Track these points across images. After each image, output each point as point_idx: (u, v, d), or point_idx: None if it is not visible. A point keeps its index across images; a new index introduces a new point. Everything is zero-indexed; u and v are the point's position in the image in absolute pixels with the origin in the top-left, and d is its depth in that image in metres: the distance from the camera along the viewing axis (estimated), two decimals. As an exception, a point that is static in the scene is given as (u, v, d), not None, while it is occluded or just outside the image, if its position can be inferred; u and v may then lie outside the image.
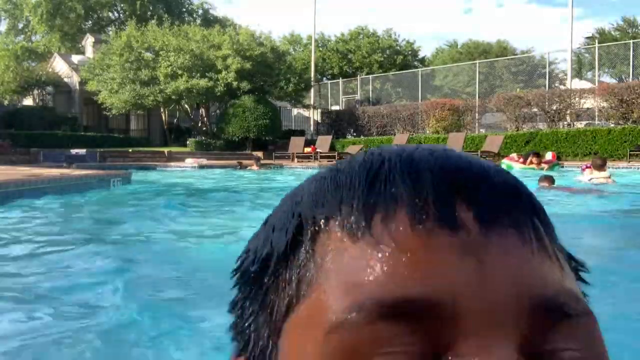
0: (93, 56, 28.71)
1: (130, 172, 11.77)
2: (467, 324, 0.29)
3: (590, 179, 9.86)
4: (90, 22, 41.29)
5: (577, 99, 20.94)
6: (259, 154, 21.20)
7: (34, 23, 38.83)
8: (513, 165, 15.71)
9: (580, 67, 29.46)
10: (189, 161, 19.83)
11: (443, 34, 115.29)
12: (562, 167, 15.72)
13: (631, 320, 2.60)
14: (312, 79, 29.90)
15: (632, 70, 21.73)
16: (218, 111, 27.85)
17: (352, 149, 21.83)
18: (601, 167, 9.94)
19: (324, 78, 37.61)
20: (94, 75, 26.07)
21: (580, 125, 21.45)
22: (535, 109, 21.96)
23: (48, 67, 30.92)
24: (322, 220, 0.34)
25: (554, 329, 0.30)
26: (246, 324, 0.37)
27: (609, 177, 9.86)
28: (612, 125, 19.35)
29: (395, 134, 23.88)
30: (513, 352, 0.29)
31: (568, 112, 21.10)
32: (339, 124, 28.17)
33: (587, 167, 10.45)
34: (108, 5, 41.05)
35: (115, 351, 2.33)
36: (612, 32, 37.09)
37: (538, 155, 16.08)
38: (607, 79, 27.04)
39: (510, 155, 16.90)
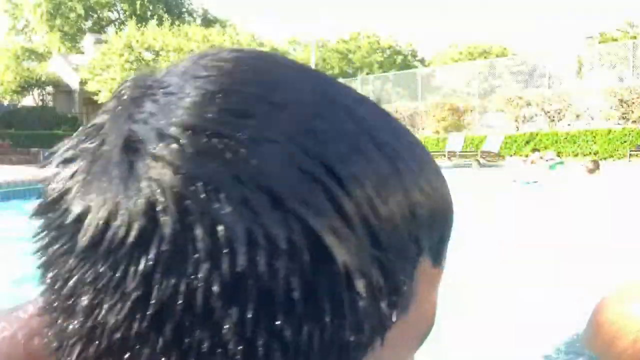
0: (93, 56, 28.72)
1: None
2: None
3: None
4: (90, 22, 41.29)
5: (577, 99, 20.94)
6: (259, 154, 21.19)
7: (34, 23, 38.85)
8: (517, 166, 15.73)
9: (580, 67, 29.44)
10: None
11: (443, 35, 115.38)
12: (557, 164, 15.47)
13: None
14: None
15: (632, 71, 21.72)
16: (218, 111, 27.88)
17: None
18: (592, 171, 10.49)
19: (324, 78, 37.60)
20: (94, 76, 26.08)
21: (580, 125, 21.46)
22: (535, 109, 21.97)
23: (48, 67, 30.93)
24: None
25: None
26: None
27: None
28: (612, 125, 19.35)
29: (395, 134, 23.89)
30: None
31: (568, 112, 21.10)
32: (339, 124, 28.18)
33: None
34: (108, 5, 41.04)
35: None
36: (612, 32, 37.09)
37: (538, 152, 16.05)
38: (607, 79, 27.04)
39: (511, 156, 16.88)
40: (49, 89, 29.68)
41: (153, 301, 0.23)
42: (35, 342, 0.36)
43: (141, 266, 0.23)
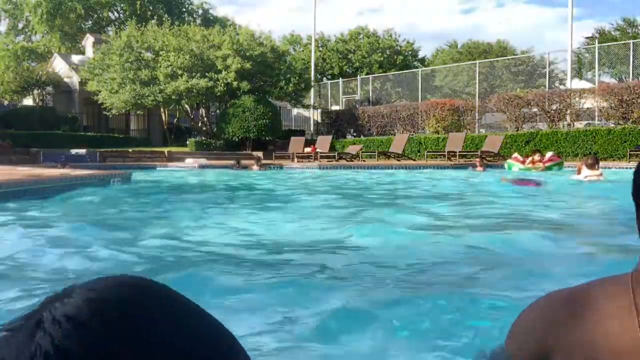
0: (93, 56, 28.72)
1: (130, 172, 11.77)
2: None
3: (585, 177, 10.49)
4: (90, 22, 41.32)
5: (577, 99, 20.94)
6: (259, 153, 21.22)
7: (34, 23, 38.85)
8: (515, 165, 15.73)
9: (580, 67, 29.46)
10: (189, 161, 19.83)
11: (443, 34, 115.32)
12: (560, 168, 15.36)
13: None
14: (312, 79, 29.91)
15: (632, 70, 21.72)
16: (218, 111, 27.86)
17: (352, 149, 21.86)
18: (592, 165, 10.55)
19: (324, 78, 37.61)
20: (94, 75, 26.08)
21: (580, 125, 21.46)
22: (535, 109, 21.97)
23: (48, 67, 30.93)
24: None
25: None
26: None
27: (601, 175, 10.50)
28: (612, 125, 19.36)
29: (395, 134, 23.90)
30: None
31: (568, 112, 21.10)
32: (339, 124, 28.19)
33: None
34: (108, 5, 41.06)
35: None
36: (612, 32, 37.07)
37: (539, 152, 16.03)
38: (607, 79, 27.04)
39: (514, 155, 16.86)
40: (49, 89, 29.68)
41: None
42: None
43: None
